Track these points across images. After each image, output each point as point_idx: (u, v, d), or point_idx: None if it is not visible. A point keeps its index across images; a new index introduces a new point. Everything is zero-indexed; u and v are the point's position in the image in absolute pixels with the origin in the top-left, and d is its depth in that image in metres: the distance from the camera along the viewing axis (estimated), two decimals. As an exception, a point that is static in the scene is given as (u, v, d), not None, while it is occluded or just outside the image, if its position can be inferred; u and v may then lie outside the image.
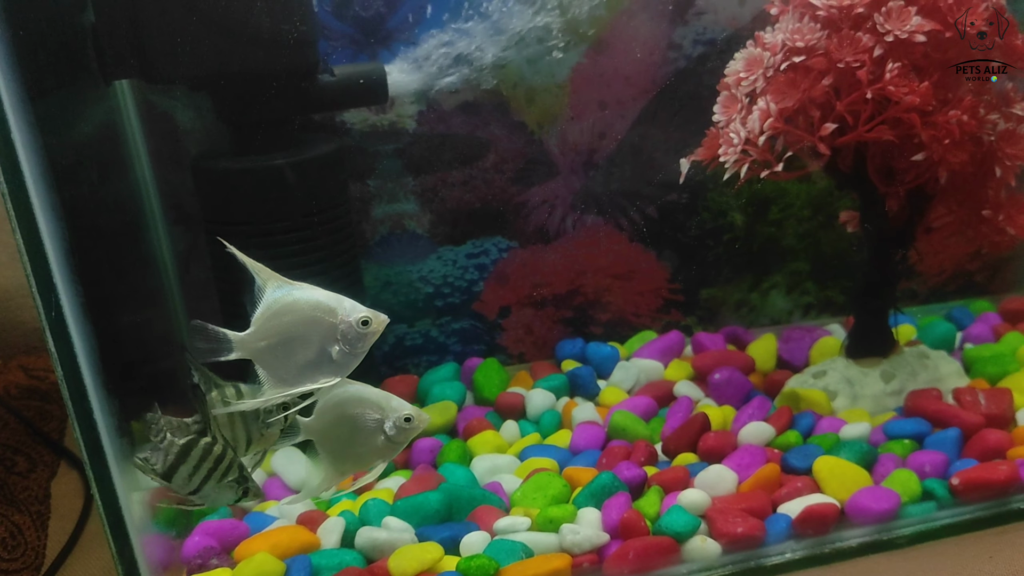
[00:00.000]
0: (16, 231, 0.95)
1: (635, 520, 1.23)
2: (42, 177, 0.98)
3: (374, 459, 1.06)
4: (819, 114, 1.27)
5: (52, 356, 0.98)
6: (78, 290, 1.01)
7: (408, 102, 1.54)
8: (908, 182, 1.37)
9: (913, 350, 1.54)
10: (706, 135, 1.36)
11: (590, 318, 1.72)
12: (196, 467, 1.03)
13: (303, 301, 0.99)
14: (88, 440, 1.03)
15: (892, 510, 1.25)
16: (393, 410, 1.04)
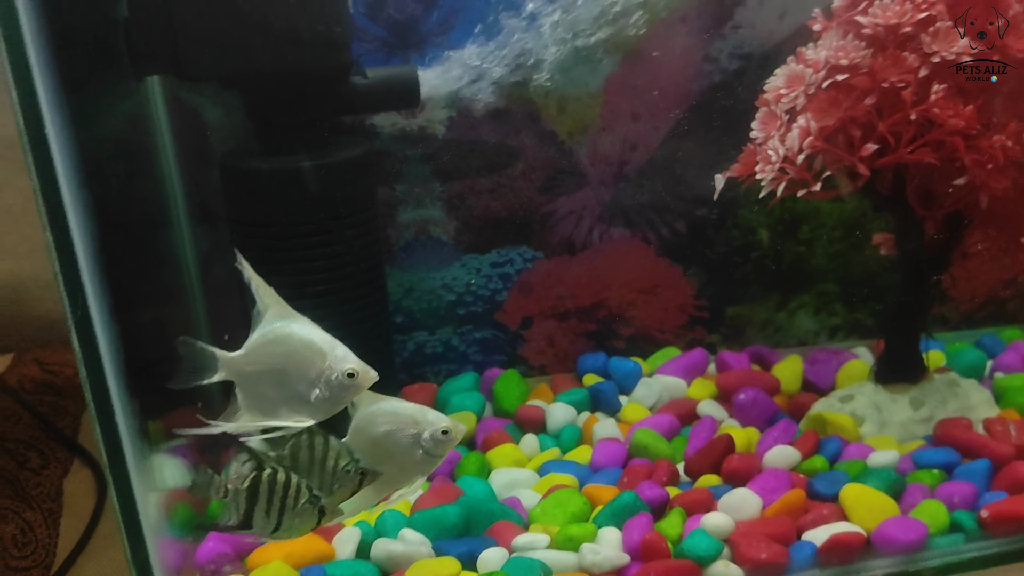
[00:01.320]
0: (46, 228, 0.93)
1: (657, 542, 1.20)
2: (73, 173, 0.96)
3: (413, 475, 1.04)
4: (860, 134, 1.24)
5: (76, 355, 0.97)
6: (104, 289, 0.99)
7: (439, 107, 1.52)
8: (947, 206, 1.34)
9: (943, 377, 1.51)
10: (742, 151, 1.34)
11: (613, 332, 1.70)
12: (269, 502, 1.01)
13: (297, 337, 0.97)
14: (108, 440, 1.01)
15: (919, 541, 1.22)
16: (429, 423, 1.01)
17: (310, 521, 1.03)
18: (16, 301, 2.02)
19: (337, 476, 1.03)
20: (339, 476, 1.02)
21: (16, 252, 2.00)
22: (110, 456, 1.02)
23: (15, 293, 2.02)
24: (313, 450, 1.02)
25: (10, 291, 2.01)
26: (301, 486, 1.02)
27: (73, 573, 1.30)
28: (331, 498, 1.05)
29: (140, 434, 1.08)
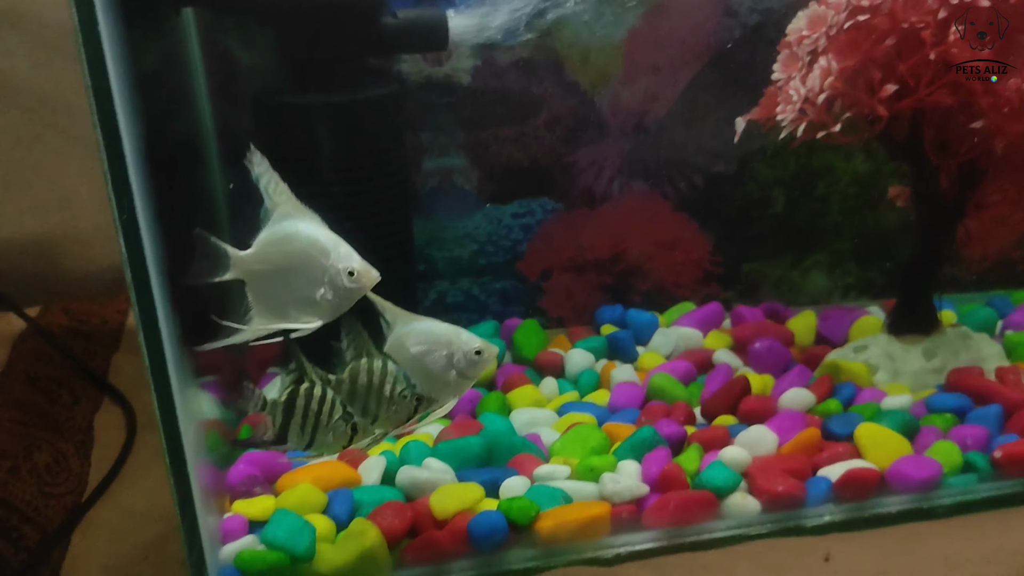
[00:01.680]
0: (102, 148, 0.95)
1: (676, 473, 1.23)
2: (130, 108, 0.98)
3: (446, 395, 1.07)
4: (880, 75, 1.27)
5: (124, 261, 0.99)
6: (151, 203, 1.01)
7: (464, 56, 1.55)
8: (963, 154, 1.36)
9: (955, 330, 1.54)
10: (764, 94, 1.37)
11: (630, 286, 1.73)
12: (304, 416, 1.03)
13: (303, 235, 0.98)
14: (154, 361, 1.02)
15: (934, 479, 1.25)
16: (463, 344, 1.04)
17: (342, 439, 1.06)
18: (44, 257, 2.06)
19: (393, 401, 1.05)
20: (395, 401, 1.05)
21: (46, 208, 2.04)
22: (155, 376, 1.03)
23: (43, 249, 2.05)
24: (371, 374, 1.05)
25: (38, 247, 2.05)
26: (336, 402, 1.05)
27: (105, 500, 1.33)
28: (386, 422, 1.08)
29: (181, 359, 1.11)
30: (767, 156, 1.67)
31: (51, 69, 1.97)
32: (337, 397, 1.05)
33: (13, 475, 1.35)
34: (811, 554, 1.10)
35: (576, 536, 1.18)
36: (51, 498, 1.33)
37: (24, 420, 1.48)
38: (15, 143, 1.99)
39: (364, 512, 1.19)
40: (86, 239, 2.06)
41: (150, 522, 1.28)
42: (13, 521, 1.28)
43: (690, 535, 1.20)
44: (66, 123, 2.01)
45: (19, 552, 1.23)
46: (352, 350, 1.06)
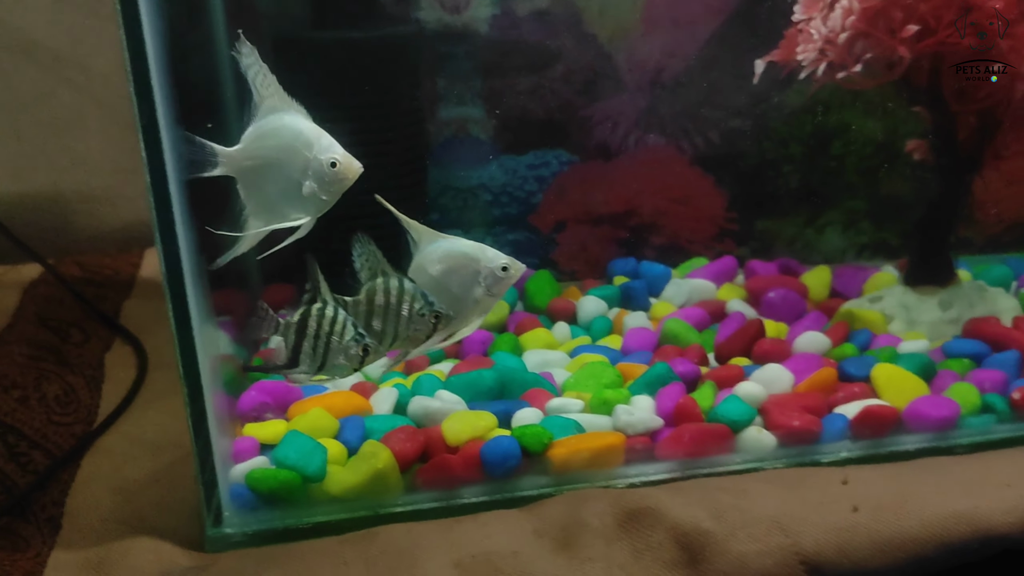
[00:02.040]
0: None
1: (690, 407, 1.22)
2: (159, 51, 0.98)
3: (473, 313, 1.06)
4: (901, 16, 1.27)
5: (147, 187, 0.99)
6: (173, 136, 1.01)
7: (482, 4, 1.55)
8: (981, 99, 1.36)
9: (971, 283, 1.53)
10: (784, 35, 1.37)
11: (644, 240, 1.72)
12: (316, 337, 1.02)
13: (288, 128, 0.98)
14: (173, 287, 1.03)
15: (951, 418, 1.24)
16: (489, 260, 1.04)
17: (353, 361, 1.05)
18: (57, 213, 2.06)
19: (412, 320, 1.05)
20: (414, 320, 1.04)
21: (58, 165, 2.04)
22: (174, 301, 1.03)
23: (56, 205, 2.06)
24: (388, 294, 1.04)
25: (51, 203, 2.05)
26: (347, 323, 1.04)
27: (115, 429, 1.33)
28: (406, 341, 1.07)
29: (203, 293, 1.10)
30: (784, 113, 1.66)
31: (68, 26, 1.98)
32: (349, 318, 1.04)
33: (22, 404, 1.35)
34: (828, 477, 1.09)
35: (589, 465, 1.17)
36: (60, 426, 1.33)
37: (34, 355, 1.48)
38: (31, 99, 2.00)
39: (375, 439, 1.18)
40: (99, 197, 2.07)
41: (160, 450, 1.27)
42: (22, 447, 1.27)
43: (704, 467, 1.19)
44: (82, 80, 2.02)
45: (27, 475, 1.22)
46: (367, 270, 1.06)
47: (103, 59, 2.01)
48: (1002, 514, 1.03)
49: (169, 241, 1.02)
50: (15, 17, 1.96)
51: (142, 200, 2.22)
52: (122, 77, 2.12)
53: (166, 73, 1.02)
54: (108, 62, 2.00)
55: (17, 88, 1.99)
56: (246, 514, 1.12)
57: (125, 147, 2.06)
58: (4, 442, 1.27)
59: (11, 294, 1.70)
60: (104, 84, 2.03)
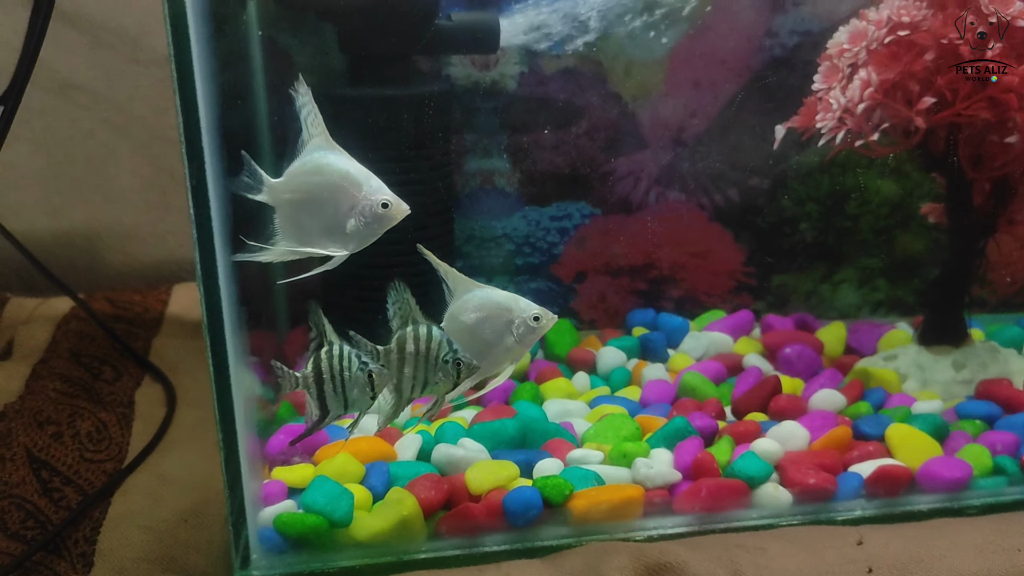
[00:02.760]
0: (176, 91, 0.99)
1: (708, 461, 1.25)
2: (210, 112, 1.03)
3: (504, 361, 1.10)
4: (918, 89, 1.31)
5: (192, 225, 1.02)
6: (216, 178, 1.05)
7: (511, 62, 1.60)
8: (997, 168, 1.40)
9: (984, 344, 1.56)
10: (803, 103, 1.41)
11: (662, 292, 1.76)
12: (332, 379, 1.06)
13: (335, 167, 1.03)
14: (214, 334, 1.06)
15: (964, 479, 1.26)
16: (522, 310, 1.08)
17: (364, 389, 1.06)
18: (89, 249, 2.12)
19: (438, 367, 1.08)
20: (440, 367, 1.08)
21: (93, 201, 2.10)
22: (213, 342, 1.06)
23: (89, 241, 2.11)
24: (418, 341, 1.08)
25: (84, 238, 2.11)
26: (351, 355, 1.06)
27: (144, 467, 1.36)
28: (436, 388, 1.10)
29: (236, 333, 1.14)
30: (802, 173, 1.71)
31: (106, 69, 2.04)
32: (352, 351, 1.06)
33: (56, 440, 1.38)
34: (844, 537, 1.11)
35: (609, 517, 1.20)
36: (92, 463, 1.36)
37: (68, 391, 1.52)
38: (67, 138, 2.07)
39: (400, 485, 1.21)
40: (130, 234, 2.12)
41: (189, 489, 1.30)
42: (55, 483, 1.31)
43: (721, 522, 1.22)
44: (119, 122, 2.08)
45: (60, 511, 1.25)
46: (398, 318, 1.10)
47: (139, 101, 2.07)
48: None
49: (211, 290, 1.06)
50: (54, 59, 2.03)
51: (172, 237, 2.29)
52: (156, 119, 2.19)
53: (214, 132, 1.07)
54: (144, 104, 2.07)
55: (55, 127, 2.05)
56: (273, 557, 1.15)
57: (157, 186, 2.14)
58: (38, 477, 1.30)
59: (44, 328, 1.75)
60: (140, 126, 2.09)
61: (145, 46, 2.02)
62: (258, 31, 1.50)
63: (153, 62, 2.04)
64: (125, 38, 2.03)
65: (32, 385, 1.52)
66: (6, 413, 1.42)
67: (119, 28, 2.04)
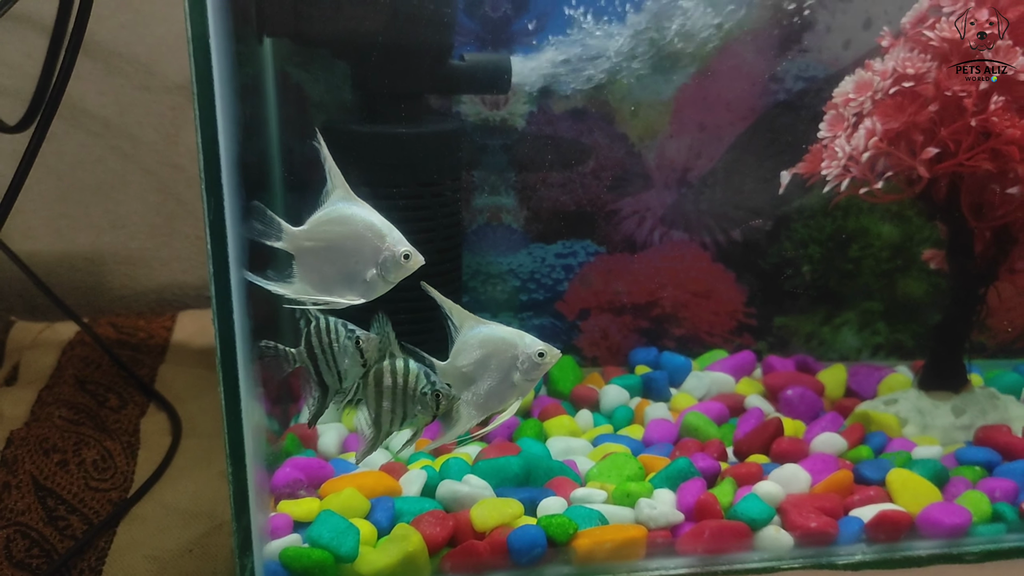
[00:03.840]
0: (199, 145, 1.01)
1: (711, 503, 1.26)
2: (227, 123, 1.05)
3: (510, 396, 1.11)
4: (922, 139, 1.34)
5: (208, 256, 1.04)
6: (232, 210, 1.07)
7: (520, 102, 1.63)
8: (998, 218, 1.42)
9: (983, 390, 1.57)
10: (809, 151, 1.44)
11: (665, 331, 1.78)
12: (323, 351, 1.07)
13: (359, 218, 1.06)
14: (225, 359, 1.07)
15: (963, 526, 1.27)
16: (526, 346, 1.09)
17: (358, 359, 1.08)
18: (94, 273, 2.13)
19: (417, 399, 1.10)
20: (418, 399, 1.09)
21: (99, 226, 2.12)
22: (225, 373, 1.07)
23: (94, 265, 2.13)
24: (395, 375, 1.09)
25: (89, 263, 2.12)
26: (337, 325, 1.08)
27: (149, 496, 1.37)
28: (416, 422, 1.11)
29: (247, 367, 1.15)
30: (804, 216, 1.73)
31: (119, 97, 2.07)
32: (338, 321, 1.08)
33: (62, 468, 1.39)
34: (845, 583, 1.12)
35: (612, 557, 1.21)
36: (97, 492, 1.37)
37: (73, 419, 1.53)
38: (77, 163, 2.08)
39: (405, 520, 1.22)
40: (135, 259, 2.14)
41: (194, 519, 1.31)
42: (60, 511, 1.31)
43: (723, 564, 1.23)
44: (128, 149, 2.10)
45: (65, 540, 1.26)
46: (377, 352, 1.10)
47: (149, 128, 2.09)
48: (1014, 628, 1.06)
49: (226, 325, 1.07)
50: (67, 85, 2.05)
51: (176, 264, 2.30)
52: (166, 146, 2.21)
53: (233, 165, 1.09)
54: (153, 131, 2.09)
55: (64, 152, 2.07)
56: (278, 591, 1.15)
57: (164, 212, 2.16)
58: (44, 505, 1.31)
59: (49, 353, 1.76)
60: (148, 152, 2.11)
61: (156, 73, 2.04)
62: (273, 67, 1.53)
63: (164, 90, 2.06)
64: (137, 65, 2.06)
65: (37, 412, 1.53)
66: (12, 440, 1.42)
67: (131, 55, 2.06)
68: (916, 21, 1.37)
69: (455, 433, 1.14)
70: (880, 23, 1.46)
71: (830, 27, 1.64)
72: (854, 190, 1.38)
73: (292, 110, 1.58)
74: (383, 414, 1.10)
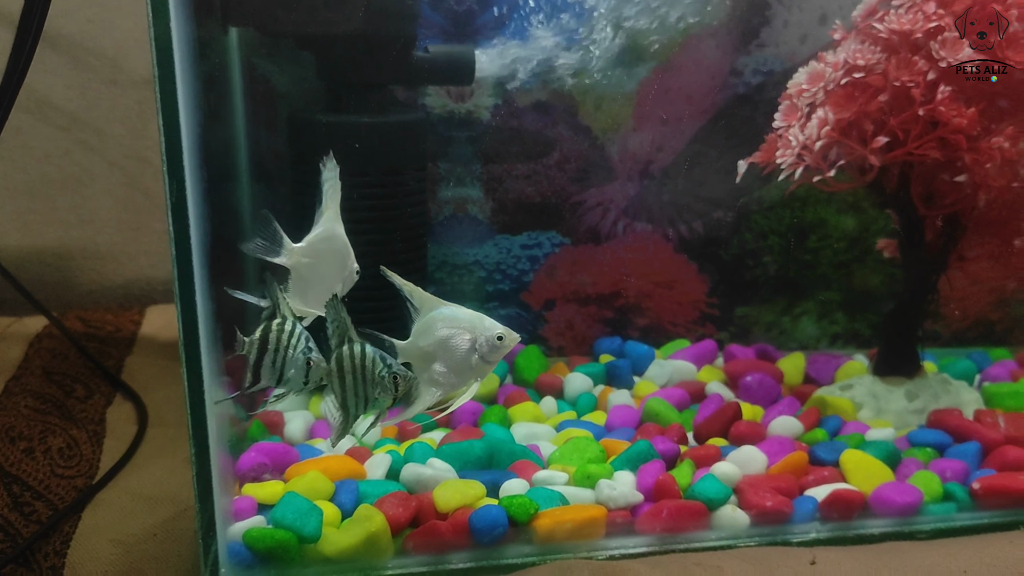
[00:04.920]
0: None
1: (669, 484, 1.29)
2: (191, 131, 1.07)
3: (468, 378, 1.13)
4: (872, 128, 1.38)
5: (171, 240, 1.05)
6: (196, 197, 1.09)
7: (486, 94, 1.65)
8: (947, 206, 1.47)
9: (936, 376, 1.62)
10: (765, 140, 1.47)
11: (629, 321, 1.81)
12: (275, 350, 1.09)
13: (340, 239, 1.17)
14: (189, 350, 1.08)
15: (914, 504, 1.31)
16: (485, 329, 1.12)
17: (300, 373, 1.10)
18: (61, 268, 2.13)
19: (376, 383, 1.12)
20: (378, 383, 1.11)
21: (67, 221, 2.12)
22: (188, 361, 1.08)
23: (61, 260, 2.12)
24: (353, 359, 1.12)
25: (57, 257, 2.12)
26: (302, 336, 1.11)
27: (115, 483, 1.37)
28: (376, 404, 1.13)
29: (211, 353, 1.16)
30: (764, 207, 1.77)
31: (85, 91, 2.07)
32: (304, 332, 1.11)
33: (28, 455, 1.39)
34: (798, 557, 1.15)
35: (572, 536, 1.23)
36: (63, 479, 1.37)
37: (40, 408, 1.53)
38: (43, 158, 2.08)
39: (369, 503, 1.24)
40: (103, 254, 2.14)
41: (158, 505, 1.32)
42: (26, 497, 1.32)
43: (681, 543, 1.25)
44: (95, 143, 2.10)
45: (30, 525, 1.26)
46: (336, 337, 1.12)
47: (116, 123, 2.09)
48: (958, 598, 1.09)
49: (188, 307, 1.08)
50: (34, 79, 2.03)
51: (144, 258, 2.30)
52: (133, 140, 2.21)
53: (195, 152, 1.10)
54: (121, 125, 2.09)
55: (32, 146, 2.07)
56: (242, 571, 1.16)
57: (131, 206, 2.16)
58: (9, 492, 1.31)
59: (17, 346, 1.76)
60: (115, 146, 2.11)
61: (124, 67, 2.05)
62: (238, 56, 1.55)
63: (131, 84, 2.06)
64: (104, 59, 2.06)
65: (4, 402, 1.53)
66: (-23, 428, 1.43)
67: (98, 49, 2.06)
68: (866, 14, 1.41)
69: (415, 410, 1.16)
70: (835, 18, 1.50)
71: (787, 22, 1.69)
72: (808, 178, 1.42)
73: (258, 101, 1.59)
74: (348, 398, 1.12)
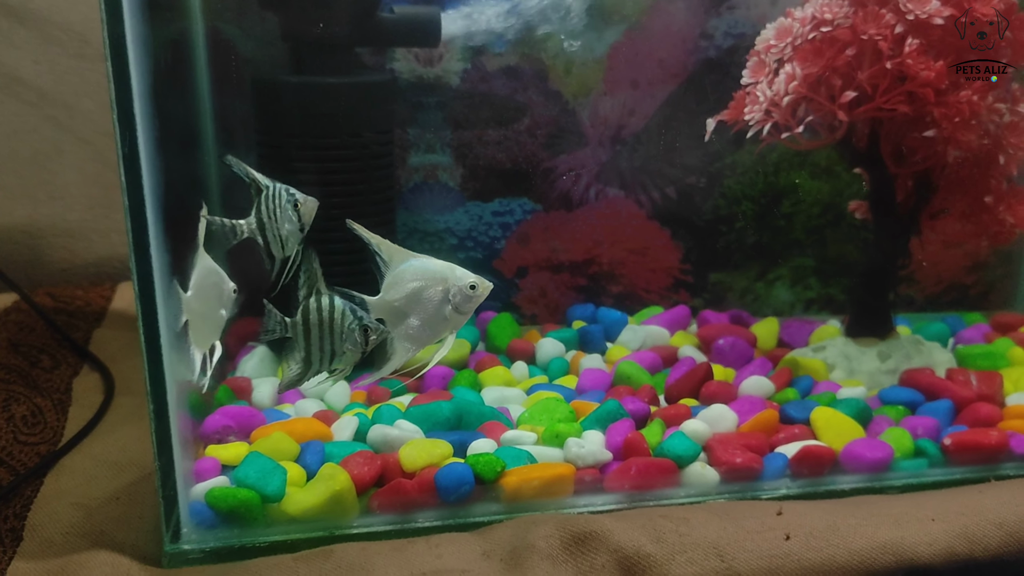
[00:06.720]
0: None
1: (638, 441, 1.28)
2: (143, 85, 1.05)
3: (443, 330, 1.11)
4: (840, 83, 1.37)
5: (125, 207, 1.03)
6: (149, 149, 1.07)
7: (455, 59, 1.64)
8: (917, 162, 1.46)
9: (909, 337, 1.61)
10: (733, 97, 1.46)
11: (603, 288, 1.79)
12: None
13: (214, 268, 1.13)
14: (145, 306, 1.06)
15: (885, 460, 1.30)
16: (458, 279, 1.09)
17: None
18: (31, 246, 2.10)
19: (345, 335, 1.10)
20: (347, 335, 1.10)
21: (36, 198, 2.09)
22: (145, 319, 1.07)
23: (31, 238, 2.10)
24: (320, 312, 1.10)
25: (26, 235, 2.09)
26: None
27: (79, 450, 1.35)
28: (347, 358, 1.12)
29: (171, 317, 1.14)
30: (737, 172, 1.76)
31: (54, 66, 2.04)
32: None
33: (-11, 423, 1.37)
34: (765, 509, 1.14)
35: (540, 494, 1.22)
36: (26, 446, 1.35)
37: (4, 378, 1.51)
38: (12, 133, 2.06)
39: (335, 463, 1.22)
40: (73, 231, 2.11)
41: (122, 470, 1.30)
42: (-14, 464, 1.30)
43: (650, 500, 1.24)
44: (64, 118, 2.08)
45: (-9, 490, 1.24)
46: (304, 288, 1.11)
47: (86, 98, 2.07)
48: (926, 546, 1.09)
49: (143, 263, 1.07)
50: (1, 53, 2.02)
51: (115, 235, 2.28)
52: (102, 115, 2.19)
53: (148, 106, 1.08)
54: (90, 101, 2.07)
55: (1, 122, 2.05)
56: (204, 531, 1.15)
57: (101, 183, 2.13)
58: (-31, 458, 1.29)
59: (-18, 321, 1.74)
60: (84, 121, 2.09)
61: (92, 42, 2.02)
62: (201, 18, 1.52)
63: (100, 58, 2.01)
64: (71, 33, 2.04)
65: (-33, 371, 1.51)
66: (-62, 397, 1.41)
67: (65, 23, 2.04)
68: (834, -32, 1.40)
69: (392, 367, 1.14)
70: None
71: (758, -16, 1.68)
72: (777, 136, 1.41)
73: (223, 67, 1.57)
74: (312, 351, 1.11)
